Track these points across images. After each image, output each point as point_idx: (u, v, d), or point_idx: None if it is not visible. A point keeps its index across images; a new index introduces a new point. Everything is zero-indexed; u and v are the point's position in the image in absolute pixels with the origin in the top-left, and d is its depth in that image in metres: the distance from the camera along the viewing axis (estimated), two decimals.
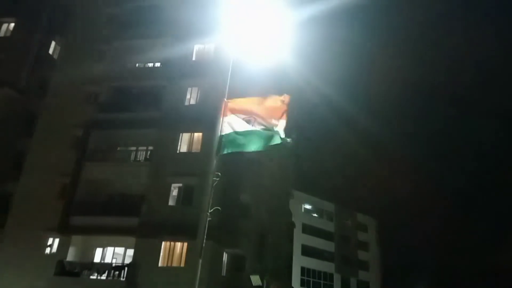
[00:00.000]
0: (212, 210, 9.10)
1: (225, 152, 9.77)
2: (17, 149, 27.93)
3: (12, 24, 30.77)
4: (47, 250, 24.43)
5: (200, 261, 8.84)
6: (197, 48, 26.66)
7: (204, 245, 8.84)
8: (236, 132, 9.82)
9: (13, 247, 24.19)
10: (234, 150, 9.90)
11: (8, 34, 30.67)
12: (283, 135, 9.83)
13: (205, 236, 8.98)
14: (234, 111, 10.07)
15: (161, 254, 22.10)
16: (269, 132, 9.84)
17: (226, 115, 10.09)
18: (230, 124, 9.92)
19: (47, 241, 24.50)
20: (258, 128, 9.89)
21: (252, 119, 9.97)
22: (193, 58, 26.43)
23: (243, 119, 10.03)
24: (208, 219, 9.07)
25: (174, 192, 23.42)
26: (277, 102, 10.05)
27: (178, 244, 22.23)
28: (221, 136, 9.82)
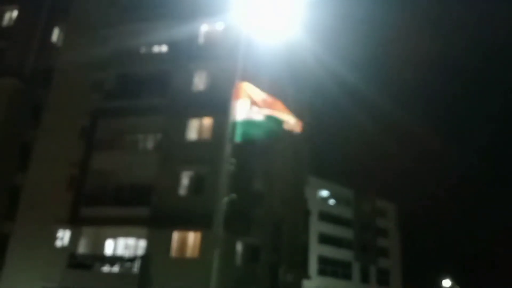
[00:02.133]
0: (228, 198, 8.22)
1: (239, 140, 8.85)
2: (24, 140, 27.83)
3: (15, 13, 30.55)
4: (59, 243, 24.52)
5: (216, 251, 7.97)
6: (204, 29, 25.86)
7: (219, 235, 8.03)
8: (251, 121, 8.93)
9: (24, 239, 24.35)
10: (249, 138, 9.01)
11: (12, 23, 30.55)
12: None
13: (221, 226, 8.14)
14: (250, 97, 9.09)
15: (174, 244, 21.86)
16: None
17: (239, 98, 9.08)
18: (244, 109, 8.99)
19: (58, 233, 24.57)
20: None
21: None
22: (200, 41, 25.62)
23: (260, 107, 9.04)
24: (224, 208, 8.19)
25: (185, 181, 23.02)
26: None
27: (191, 234, 21.93)
28: (235, 122, 8.83)
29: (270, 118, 9.37)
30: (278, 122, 9.39)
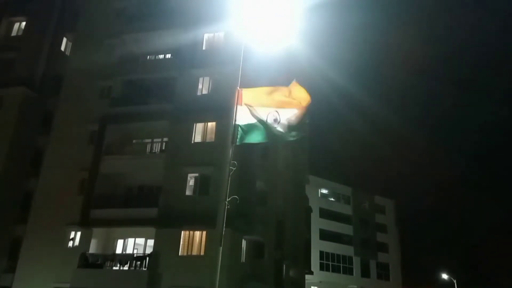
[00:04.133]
0: (229, 199, 9.08)
1: (241, 142, 9.55)
2: (36, 146, 28.39)
3: (23, 23, 31.13)
4: (70, 244, 24.81)
5: (221, 249, 8.87)
6: (207, 37, 26.53)
7: (223, 233, 8.90)
8: (252, 124, 9.52)
9: (36, 242, 24.64)
10: (251, 141, 9.70)
11: (20, 33, 31.05)
12: (300, 131, 9.50)
13: (224, 225, 9.01)
14: (248, 101, 9.77)
15: (181, 243, 22.37)
16: (286, 132, 9.49)
17: (240, 104, 9.81)
18: (244, 113, 9.65)
19: (69, 235, 24.87)
20: (275, 125, 9.52)
21: (270, 114, 9.58)
22: (203, 48, 26.31)
23: (260, 109, 9.69)
24: (226, 207, 9.06)
25: (191, 182, 23.57)
26: (295, 91, 9.62)
27: (197, 233, 22.45)
28: (236, 126, 9.58)
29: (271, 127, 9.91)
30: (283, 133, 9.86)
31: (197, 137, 24.46)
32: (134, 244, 24.54)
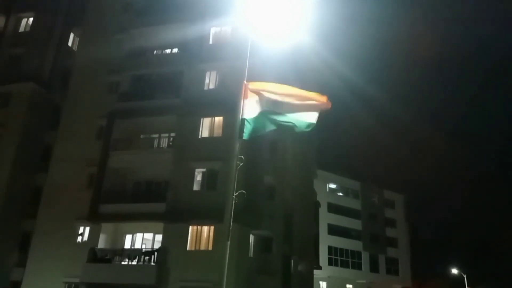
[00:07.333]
0: (237, 193, 8.98)
1: (247, 136, 9.41)
2: (44, 141, 28.60)
3: (31, 19, 31.28)
4: (79, 239, 24.98)
5: (228, 244, 8.79)
6: (214, 31, 26.46)
7: (231, 228, 8.84)
8: (258, 116, 9.37)
9: (46, 237, 24.84)
10: (257, 134, 9.55)
11: (28, 29, 31.22)
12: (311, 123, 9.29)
13: (231, 220, 8.93)
14: (255, 92, 9.58)
15: (189, 238, 22.45)
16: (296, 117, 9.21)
17: (246, 98, 9.66)
18: (251, 106, 9.51)
19: (78, 230, 25.04)
20: (282, 110, 9.28)
21: (278, 101, 9.34)
22: (210, 42, 26.25)
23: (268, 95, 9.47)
24: (234, 202, 8.94)
25: (198, 177, 23.63)
26: (313, 97, 9.42)
27: (205, 228, 22.52)
28: (243, 120, 9.43)
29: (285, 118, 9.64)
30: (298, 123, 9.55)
31: (205, 132, 24.47)
32: (143, 239, 24.69)
